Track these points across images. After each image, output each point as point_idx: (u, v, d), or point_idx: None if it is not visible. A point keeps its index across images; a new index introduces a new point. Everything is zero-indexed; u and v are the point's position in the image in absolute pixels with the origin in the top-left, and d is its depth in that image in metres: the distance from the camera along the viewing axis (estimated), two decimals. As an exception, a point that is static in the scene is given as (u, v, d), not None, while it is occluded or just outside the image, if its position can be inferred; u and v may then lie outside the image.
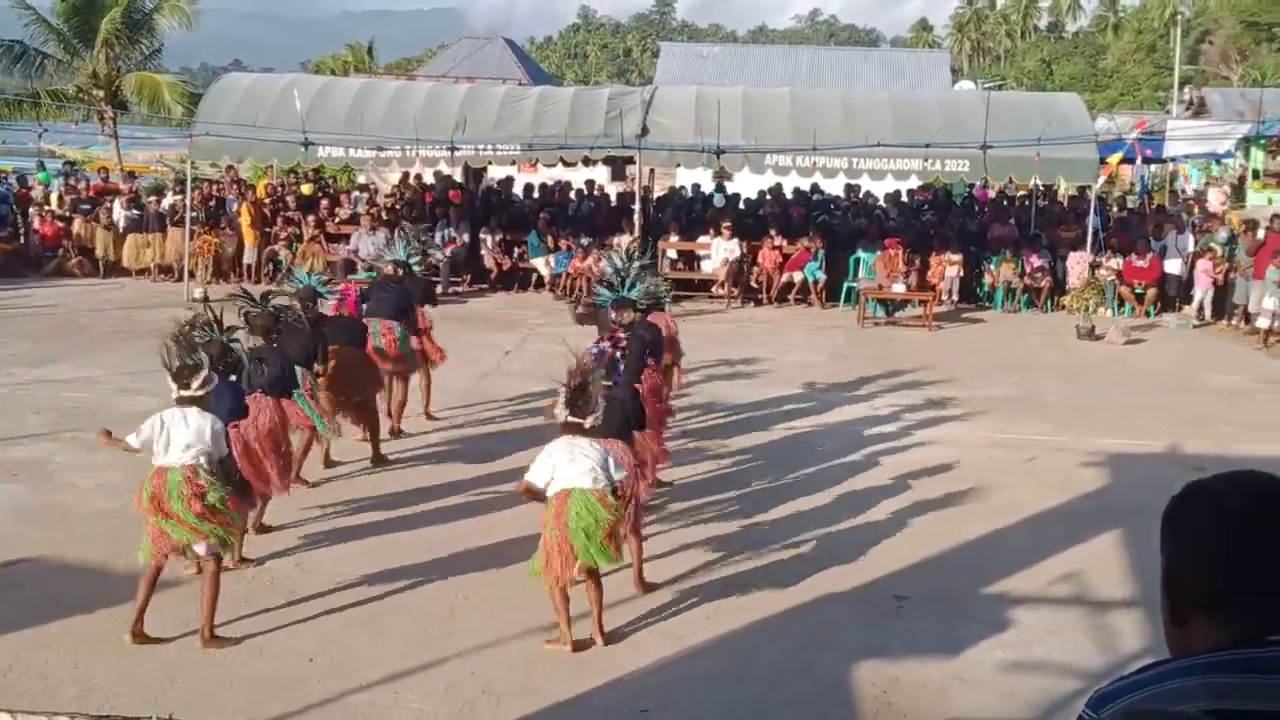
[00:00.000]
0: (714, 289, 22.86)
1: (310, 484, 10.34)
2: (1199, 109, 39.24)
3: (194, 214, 22.65)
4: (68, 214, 24.99)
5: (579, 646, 7.22)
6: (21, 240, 24.89)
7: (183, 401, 7.29)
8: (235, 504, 7.48)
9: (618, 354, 8.79)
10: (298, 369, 9.75)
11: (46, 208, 25.46)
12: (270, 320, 9.53)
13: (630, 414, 8.36)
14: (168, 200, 24.64)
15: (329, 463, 10.88)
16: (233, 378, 8.22)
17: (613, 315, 10.27)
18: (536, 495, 7.19)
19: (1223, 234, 22.64)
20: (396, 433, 12.08)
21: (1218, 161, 34.31)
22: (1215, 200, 27.60)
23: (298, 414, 9.47)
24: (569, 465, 7.07)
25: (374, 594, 8.00)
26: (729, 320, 20.53)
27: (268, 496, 8.89)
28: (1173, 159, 31.36)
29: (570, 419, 7.22)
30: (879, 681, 6.89)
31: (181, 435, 7.17)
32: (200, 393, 7.32)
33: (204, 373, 7.34)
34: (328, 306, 11.40)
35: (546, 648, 7.25)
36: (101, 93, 32.17)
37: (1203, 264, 21.36)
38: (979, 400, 14.43)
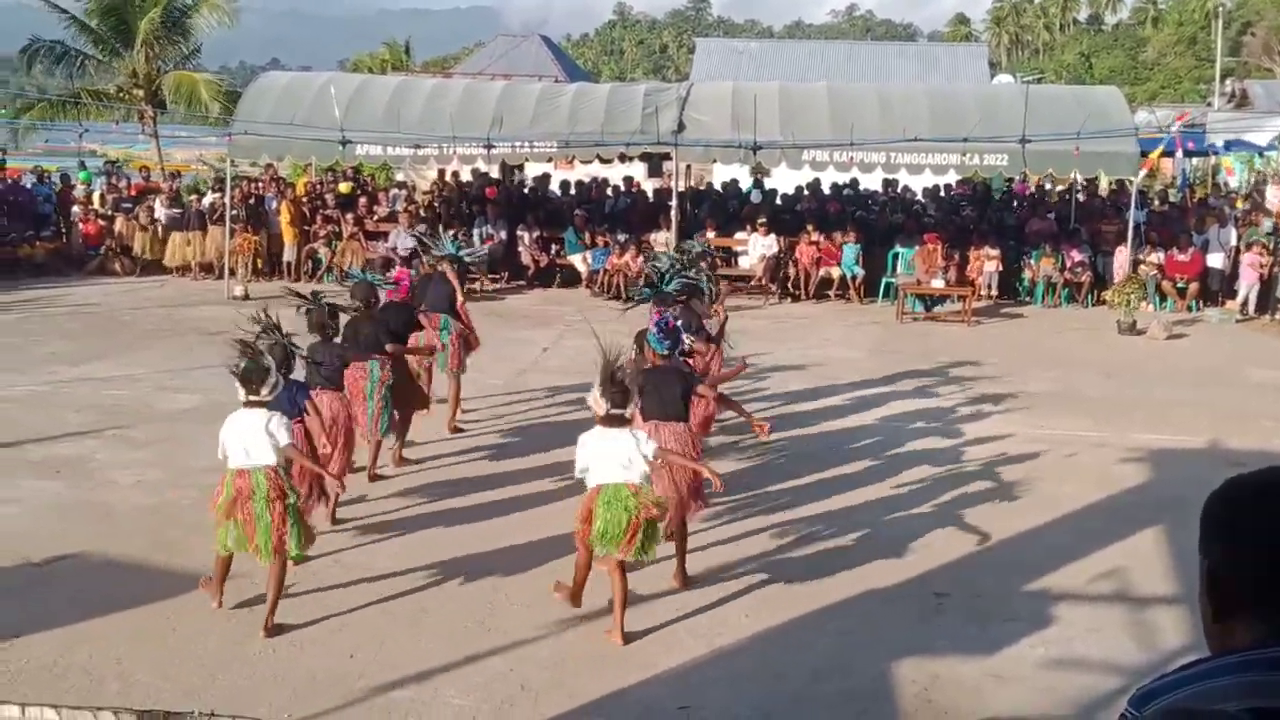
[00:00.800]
0: (751, 285, 22.82)
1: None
2: (1241, 101, 38.85)
3: (234, 212, 22.80)
4: (110, 213, 25.23)
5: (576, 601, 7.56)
6: (64, 239, 25.15)
7: (250, 405, 7.47)
8: (308, 507, 7.95)
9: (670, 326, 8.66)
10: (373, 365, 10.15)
11: (89, 207, 25.71)
12: (326, 317, 9.69)
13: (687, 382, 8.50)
14: (208, 199, 24.82)
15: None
16: (291, 376, 8.45)
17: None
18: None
19: (1267, 225, 22.44)
20: (455, 430, 12.28)
21: (1260, 154, 33.94)
22: (1275, 197, 27.19)
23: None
24: (602, 458, 7.20)
25: (413, 591, 8.03)
26: (766, 316, 20.48)
27: (334, 491, 8.91)
28: (1213, 149, 31.08)
29: (612, 411, 7.24)
30: (919, 679, 6.86)
31: (258, 438, 7.36)
32: (269, 398, 7.52)
33: (272, 379, 7.52)
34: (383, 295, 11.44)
35: (553, 593, 7.66)
36: (141, 92, 32.40)
37: (1248, 258, 21.14)
38: (1019, 395, 14.35)
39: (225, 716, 6.32)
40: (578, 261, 23.23)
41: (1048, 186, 28.91)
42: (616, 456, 7.15)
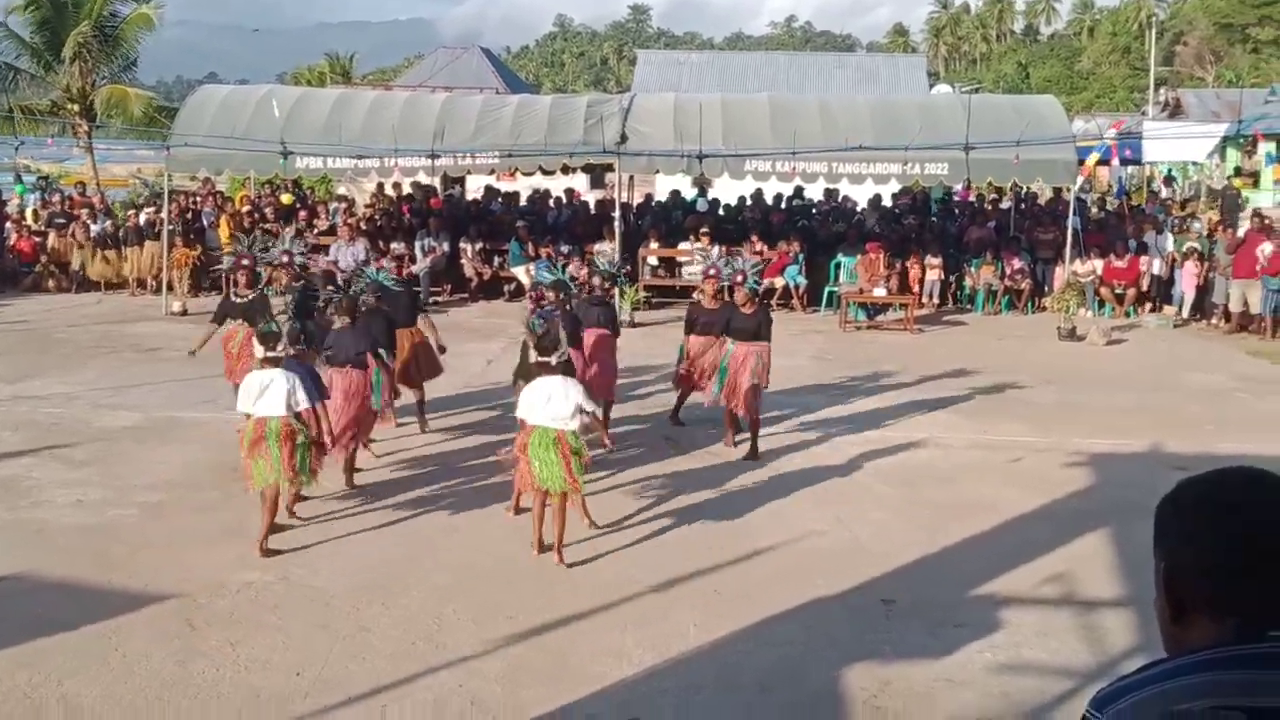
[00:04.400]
0: (695, 295, 22.80)
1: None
2: (1175, 110, 39.46)
3: (171, 227, 22.54)
4: (44, 229, 24.87)
5: (543, 549, 8.82)
6: (-2, 256, 24.76)
7: (267, 362, 8.98)
8: (317, 451, 9.20)
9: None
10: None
11: (23, 223, 25.33)
12: (353, 304, 10.92)
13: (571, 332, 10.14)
14: (145, 214, 24.51)
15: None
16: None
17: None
18: (522, 423, 8.86)
19: (1196, 226, 22.82)
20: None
21: (1196, 165, 34.52)
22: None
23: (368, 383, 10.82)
24: (542, 406, 8.65)
25: (360, 608, 7.94)
26: (710, 326, 20.44)
27: (349, 447, 10.49)
28: (1150, 163, 31.55)
29: (540, 359, 8.80)
30: (869, 685, 6.86)
31: (275, 391, 8.79)
32: (282, 354, 9.02)
33: (282, 339, 9.05)
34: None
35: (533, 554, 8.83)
36: (76, 106, 31.99)
37: (1190, 266, 21.42)
38: (961, 402, 14.45)
39: (169, 738, 6.22)
40: (521, 274, 23.14)
41: (990, 195, 29.17)
42: (553, 409, 8.61)
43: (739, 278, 12.12)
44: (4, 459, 11.47)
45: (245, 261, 12.50)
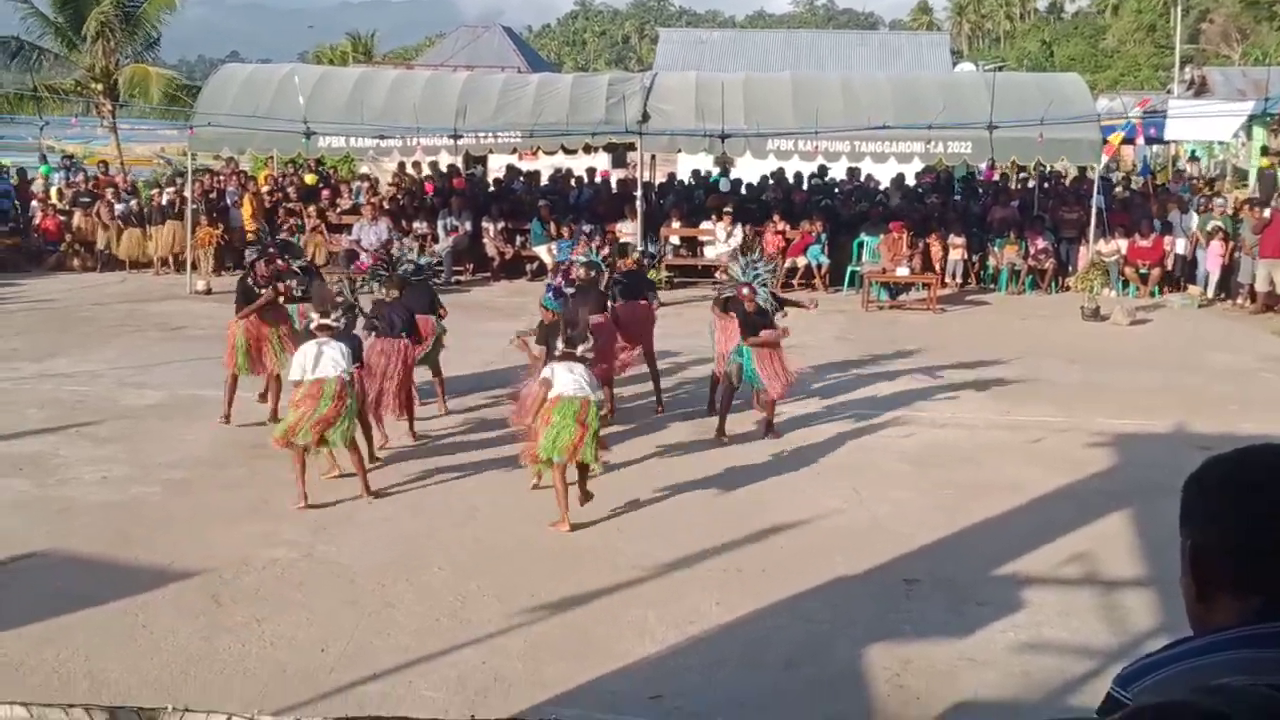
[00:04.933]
0: (718, 275, 22.80)
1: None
2: (1200, 88, 39.12)
3: (195, 206, 22.61)
4: (68, 208, 24.97)
5: (575, 527, 9.08)
6: (22, 235, 24.88)
7: (321, 329, 9.71)
8: (365, 412, 10.15)
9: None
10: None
11: (48, 202, 25.45)
12: (401, 281, 11.80)
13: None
14: (168, 194, 24.59)
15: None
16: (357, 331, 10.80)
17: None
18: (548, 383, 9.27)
19: (1218, 203, 22.67)
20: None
21: (1222, 144, 34.27)
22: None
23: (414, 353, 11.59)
24: (565, 376, 9.16)
25: (385, 584, 7.99)
26: (732, 306, 20.43)
27: (402, 412, 11.51)
28: (1176, 142, 31.33)
29: (566, 350, 9.37)
30: (891, 664, 6.88)
31: (328, 355, 9.56)
32: (336, 324, 9.80)
33: (339, 309, 9.89)
34: None
35: (550, 529, 9.05)
36: (100, 86, 32.07)
37: (1215, 245, 21.28)
38: (984, 382, 14.41)
39: (198, 712, 6.26)
40: (543, 253, 23.14)
41: (1016, 174, 29.03)
42: (575, 380, 9.13)
43: (744, 289, 11.86)
44: (30, 436, 11.56)
45: (271, 251, 12.67)
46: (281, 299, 12.30)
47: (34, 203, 25.31)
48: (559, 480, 9.16)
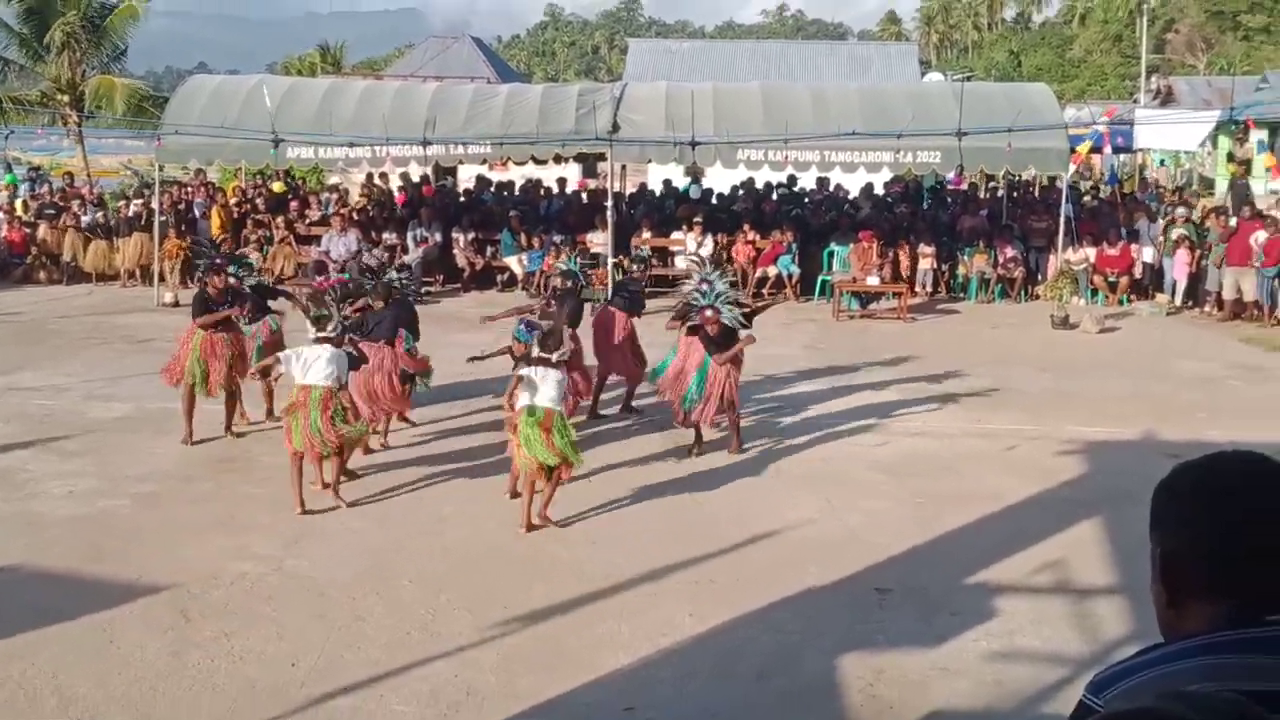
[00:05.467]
0: (681, 287, 22.79)
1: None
2: (1166, 98, 39.48)
3: (163, 218, 22.48)
4: (34, 220, 24.79)
5: (531, 528, 9.29)
6: (-12, 247, 24.67)
7: (319, 341, 9.87)
8: (353, 419, 9.99)
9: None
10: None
11: (13, 214, 25.25)
12: (388, 289, 12.03)
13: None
14: (135, 205, 24.44)
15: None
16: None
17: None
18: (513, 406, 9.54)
19: (1181, 213, 22.85)
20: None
21: (1188, 154, 34.56)
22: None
23: (404, 359, 11.82)
24: (530, 394, 9.31)
25: (355, 597, 7.93)
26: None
27: (380, 416, 11.70)
28: (1142, 151, 31.56)
29: (542, 354, 9.52)
30: (864, 674, 6.87)
31: (320, 364, 9.73)
32: (332, 335, 9.94)
33: (334, 321, 10.02)
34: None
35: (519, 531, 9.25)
36: (65, 97, 31.88)
37: (1182, 254, 21.41)
38: (956, 391, 14.45)
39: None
40: (513, 263, 23.14)
41: (986, 183, 29.16)
42: (545, 391, 9.29)
43: (707, 313, 11.56)
44: (-3, 450, 11.44)
45: (220, 262, 12.47)
46: (238, 318, 12.25)
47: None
48: (526, 486, 9.42)
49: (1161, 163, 38.28)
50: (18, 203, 26.32)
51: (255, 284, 12.98)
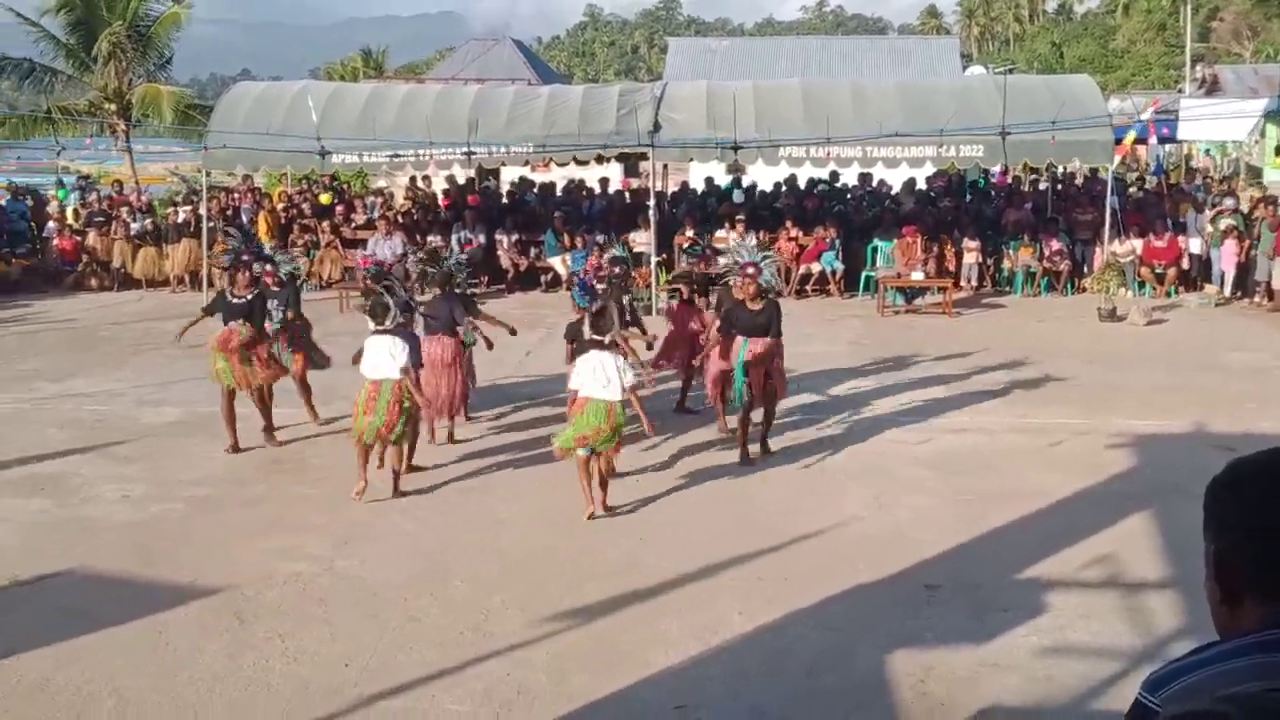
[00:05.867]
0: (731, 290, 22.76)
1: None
2: (1212, 87, 39.05)
3: (211, 224, 22.70)
4: (84, 228, 25.10)
5: (592, 517, 9.57)
6: (40, 256, 25.00)
7: (379, 333, 10.10)
8: (417, 411, 10.34)
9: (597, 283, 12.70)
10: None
11: (64, 223, 25.57)
12: (446, 277, 12.11)
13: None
14: (183, 212, 24.71)
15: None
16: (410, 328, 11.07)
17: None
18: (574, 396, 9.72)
19: (1229, 203, 22.61)
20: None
21: (1236, 143, 34.21)
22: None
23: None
24: (591, 377, 9.48)
25: (407, 598, 8.00)
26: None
27: (447, 413, 11.87)
28: (1188, 141, 31.27)
29: (594, 336, 9.67)
30: (914, 671, 6.87)
31: (385, 357, 9.99)
32: (391, 326, 10.17)
33: (392, 312, 10.18)
34: None
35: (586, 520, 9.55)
36: (113, 106, 32.25)
37: (1230, 244, 21.21)
38: (1002, 386, 14.39)
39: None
40: (557, 264, 23.21)
41: (1029, 176, 28.98)
42: (601, 378, 9.44)
43: (749, 268, 11.20)
44: (51, 457, 11.60)
45: (246, 258, 12.37)
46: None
47: (50, 224, 25.43)
48: (582, 472, 9.61)
49: (1207, 152, 37.88)
50: (68, 211, 26.64)
51: (288, 272, 13.00)
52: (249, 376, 11.76)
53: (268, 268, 12.56)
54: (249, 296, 11.85)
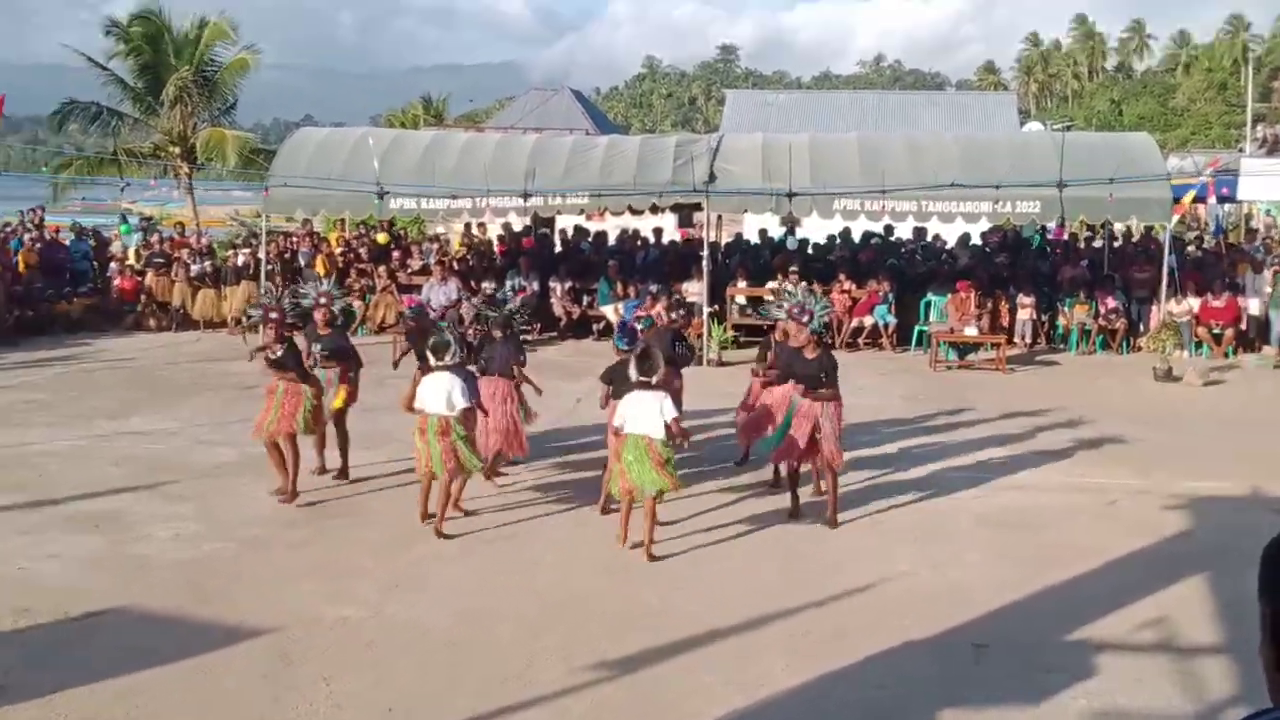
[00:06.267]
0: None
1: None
2: (1274, 147, 38.73)
3: (270, 267, 22.99)
4: (143, 269, 25.48)
5: (634, 546, 9.90)
6: (101, 295, 25.39)
7: (439, 369, 10.39)
8: (471, 447, 10.62)
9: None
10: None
11: (125, 263, 25.98)
12: (505, 321, 12.41)
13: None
14: (243, 254, 25.06)
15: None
16: (470, 367, 11.42)
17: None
18: (617, 432, 9.99)
19: None
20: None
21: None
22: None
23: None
24: (634, 417, 9.79)
25: (452, 643, 8.01)
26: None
27: (501, 453, 11.98)
28: (1248, 201, 31.00)
29: (640, 378, 9.85)
30: (961, 731, 6.78)
31: (441, 394, 10.30)
32: (451, 363, 10.45)
33: (452, 349, 10.46)
34: None
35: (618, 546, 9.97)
36: (177, 149, 32.79)
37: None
38: (1055, 444, 14.26)
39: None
40: (609, 312, 23.30)
41: (1084, 233, 28.81)
42: (644, 418, 9.74)
43: (805, 317, 11.06)
44: (107, 494, 11.73)
45: (274, 315, 11.78)
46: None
47: (112, 264, 25.84)
48: (648, 515, 9.87)
49: (1268, 212, 37.51)
50: (130, 251, 27.07)
51: (344, 311, 13.11)
52: (278, 424, 11.50)
53: (321, 304, 12.54)
54: (279, 352, 11.59)
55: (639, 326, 12.90)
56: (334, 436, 12.52)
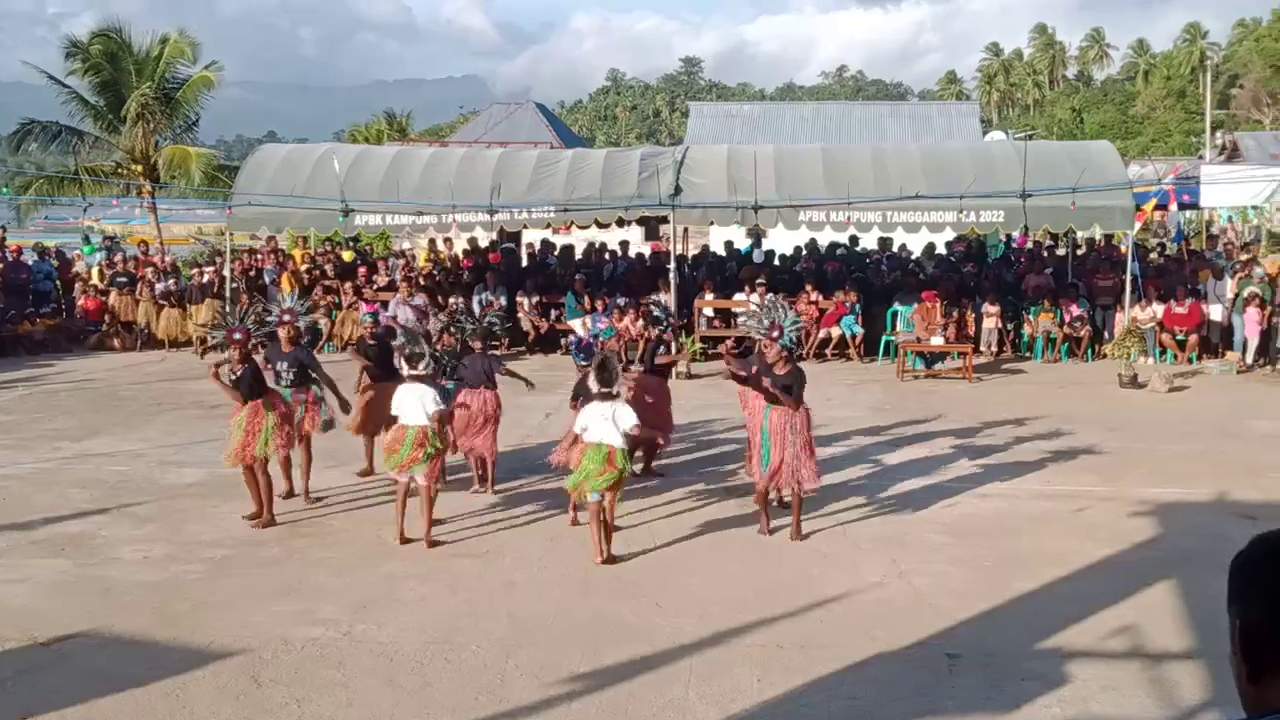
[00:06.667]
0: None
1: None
2: (1232, 153, 39.13)
3: (235, 285, 22.86)
4: (107, 288, 25.31)
5: (607, 561, 10.02)
6: (64, 315, 25.20)
7: (413, 379, 10.59)
8: (441, 458, 10.84)
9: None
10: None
11: (89, 283, 25.80)
12: (486, 333, 12.76)
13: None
14: (207, 272, 24.92)
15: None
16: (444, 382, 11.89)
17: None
18: (577, 439, 10.31)
19: (1258, 272, 22.57)
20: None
21: (1255, 209, 34.20)
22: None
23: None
24: (594, 424, 9.99)
25: (423, 662, 7.96)
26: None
27: (481, 458, 12.42)
28: (1209, 208, 31.29)
29: (603, 390, 10.00)
30: (935, 741, 6.79)
31: (415, 404, 10.48)
32: (425, 373, 10.65)
33: (426, 359, 10.66)
34: None
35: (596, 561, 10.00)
36: (139, 167, 32.59)
37: (1252, 311, 21.18)
38: (1023, 452, 14.33)
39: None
40: (577, 326, 23.27)
41: (1047, 242, 29.04)
42: (602, 428, 9.93)
43: (775, 332, 11.00)
44: (73, 517, 11.62)
45: (238, 336, 11.45)
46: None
47: (76, 284, 25.65)
48: (594, 519, 10.08)
49: (1229, 219, 37.91)
50: (93, 271, 26.89)
51: (311, 328, 13.16)
52: (243, 449, 11.32)
53: (284, 322, 12.40)
54: (239, 373, 11.42)
55: (601, 339, 13.24)
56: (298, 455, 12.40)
